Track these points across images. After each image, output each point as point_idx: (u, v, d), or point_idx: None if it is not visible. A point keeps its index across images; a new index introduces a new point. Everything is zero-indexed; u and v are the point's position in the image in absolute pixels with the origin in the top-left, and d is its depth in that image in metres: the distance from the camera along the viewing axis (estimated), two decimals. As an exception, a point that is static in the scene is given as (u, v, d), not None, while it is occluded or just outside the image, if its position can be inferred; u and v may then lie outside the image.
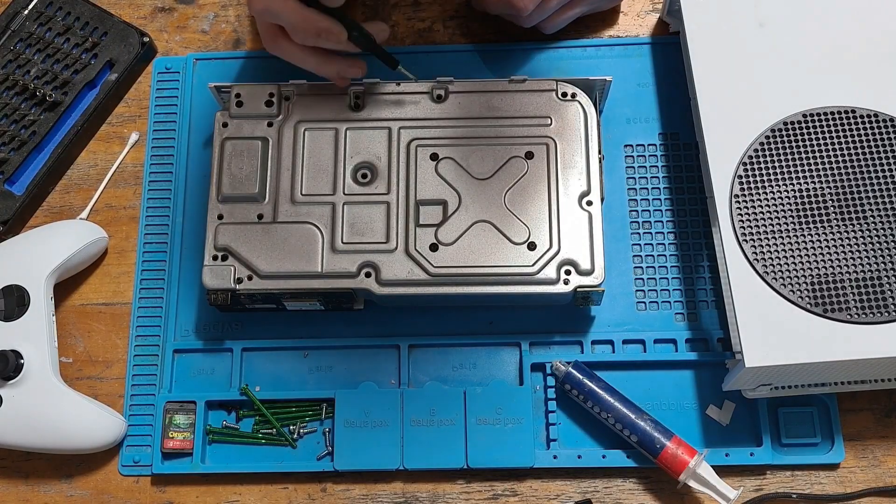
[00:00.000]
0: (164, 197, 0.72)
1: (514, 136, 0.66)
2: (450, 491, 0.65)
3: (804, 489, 0.64)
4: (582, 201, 0.64)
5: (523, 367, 0.66)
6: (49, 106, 0.73)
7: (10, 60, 0.74)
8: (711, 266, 0.68)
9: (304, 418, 0.66)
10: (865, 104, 0.63)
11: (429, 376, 0.67)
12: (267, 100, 0.67)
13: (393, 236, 0.64)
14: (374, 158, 0.66)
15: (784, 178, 0.62)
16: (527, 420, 0.64)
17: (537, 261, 0.63)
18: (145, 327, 0.69)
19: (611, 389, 0.64)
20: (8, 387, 0.64)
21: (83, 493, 0.66)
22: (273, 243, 0.64)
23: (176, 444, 0.65)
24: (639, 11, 0.76)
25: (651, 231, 0.69)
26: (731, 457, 0.63)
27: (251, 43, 0.76)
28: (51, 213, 0.73)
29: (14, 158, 0.72)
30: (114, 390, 0.68)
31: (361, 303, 0.66)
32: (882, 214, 0.60)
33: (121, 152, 0.74)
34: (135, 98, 0.76)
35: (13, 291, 0.65)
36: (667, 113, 0.72)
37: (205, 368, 0.68)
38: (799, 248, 0.60)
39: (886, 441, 0.65)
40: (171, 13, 0.78)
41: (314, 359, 0.68)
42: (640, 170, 0.71)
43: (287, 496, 0.65)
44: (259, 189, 0.65)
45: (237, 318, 0.69)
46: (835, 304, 0.58)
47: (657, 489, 0.64)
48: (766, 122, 0.63)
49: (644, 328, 0.67)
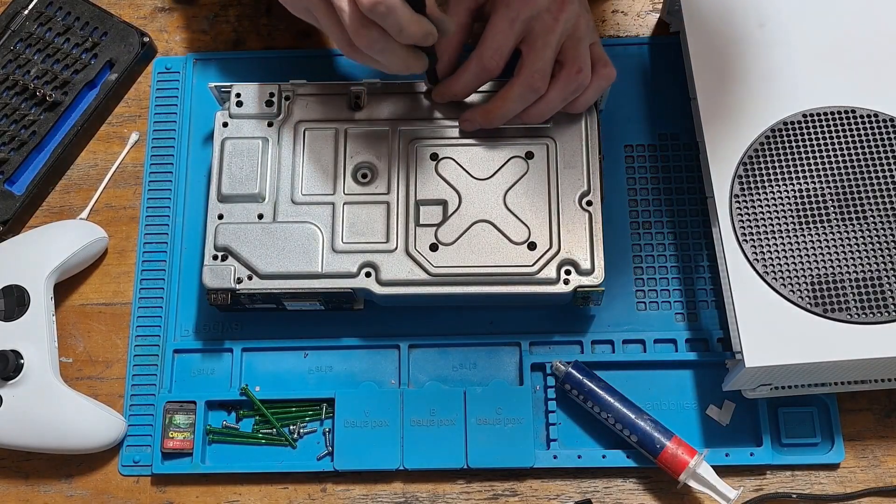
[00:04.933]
0: (164, 197, 0.72)
1: (514, 136, 0.66)
2: (450, 491, 0.65)
3: (804, 489, 0.64)
4: (582, 201, 0.64)
5: (523, 367, 0.66)
6: (49, 106, 0.73)
7: (10, 60, 0.74)
8: (711, 266, 0.68)
9: (304, 418, 0.66)
10: (865, 104, 0.63)
11: (429, 376, 0.67)
12: (267, 100, 0.67)
13: (393, 236, 0.64)
14: (374, 158, 0.66)
15: (784, 178, 0.62)
16: (527, 420, 0.64)
17: (537, 261, 0.63)
18: (145, 327, 0.69)
19: (611, 389, 0.64)
20: (8, 387, 0.64)
21: (83, 493, 0.66)
22: (273, 243, 0.64)
23: (176, 444, 0.65)
24: (639, 11, 0.76)
25: (651, 231, 0.69)
26: (731, 457, 0.63)
27: (251, 43, 0.76)
28: (51, 213, 0.73)
29: (14, 158, 0.72)
30: (114, 390, 0.68)
31: (361, 303, 0.66)
32: (882, 214, 0.60)
33: (121, 152, 0.74)
34: (135, 98, 0.76)
35: (13, 291, 0.65)
36: (667, 113, 0.72)
37: (205, 368, 0.68)
38: (799, 248, 0.60)
39: (886, 441, 0.65)
40: (171, 13, 0.78)
41: (314, 359, 0.68)
42: (640, 170, 0.71)
43: (287, 496, 0.65)
44: (259, 189, 0.65)
45: (237, 318, 0.69)
46: (835, 304, 0.58)
47: (657, 489, 0.64)
48: (766, 122, 0.63)
49: (644, 328, 0.67)
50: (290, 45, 0.76)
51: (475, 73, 0.62)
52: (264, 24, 0.77)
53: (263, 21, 0.77)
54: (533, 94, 0.62)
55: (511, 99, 0.62)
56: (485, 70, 0.62)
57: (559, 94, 0.62)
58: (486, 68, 0.61)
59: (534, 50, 0.60)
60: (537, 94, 0.62)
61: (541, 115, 0.63)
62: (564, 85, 0.62)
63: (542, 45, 0.60)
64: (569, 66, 0.61)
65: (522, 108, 0.63)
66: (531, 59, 0.60)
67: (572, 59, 0.61)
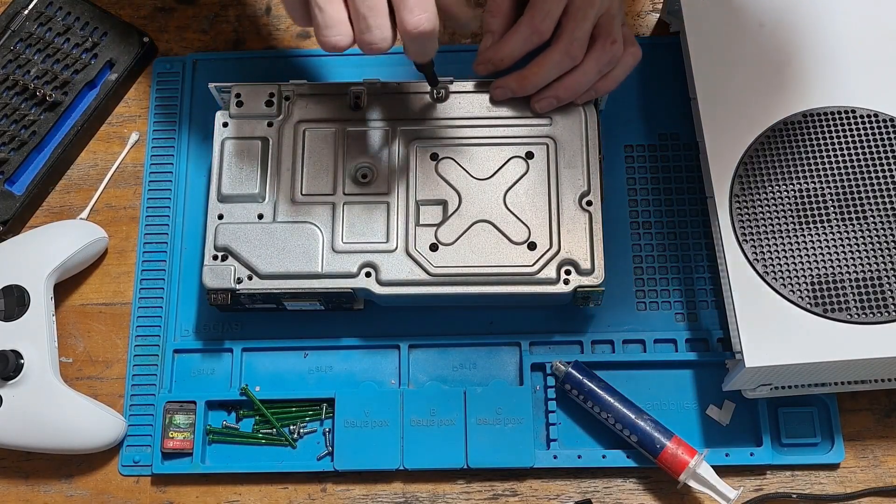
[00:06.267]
0: (164, 197, 0.72)
1: (514, 136, 0.66)
2: (450, 491, 0.65)
3: (804, 489, 0.64)
4: (582, 201, 0.64)
5: (523, 367, 0.66)
6: (49, 106, 0.73)
7: (10, 60, 0.74)
8: (711, 266, 0.68)
9: (304, 418, 0.66)
10: (865, 104, 0.63)
11: (429, 376, 0.67)
12: (267, 100, 0.67)
13: (393, 236, 0.64)
14: (374, 158, 0.66)
15: (784, 178, 0.62)
16: (527, 420, 0.64)
17: (537, 261, 0.63)
18: (145, 327, 0.69)
19: (611, 389, 0.64)
20: (8, 387, 0.64)
21: (83, 493, 0.66)
22: (273, 243, 0.64)
23: (176, 444, 0.65)
24: (639, 11, 0.76)
25: (651, 231, 0.69)
26: (731, 457, 0.63)
27: (251, 43, 0.76)
28: (51, 213, 0.73)
29: (14, 158, 0.72)
30: (114, 390, 0.68)
31: (361, 303, 0.66)
32: (882, 214, 0.60)
33: (121, 152, 0.74)
34: (135, 98, 0.76)
35: (13, 291, 0.65)
36: (667, 113, 0.72)
37: (205, 368, 0.68)
38: (799, 248, 0.60)
39: (886, 441, 0.65)
40: (171, 13, 0.78)
41: (314, 359, 0.68)
42: (640, 170, 0.71)
43: (287, 496, 0.65)
44: (259, 189, 0.65)
45: (237, 318, 0.69)
46: (835, 304, 0.58)
47: (657, 489, 0.64)
48: (766, 122, 0.63)
49: (644, 328, 0.67)
50: (290, 45, 0.76)
51: (526, 37, 0.64)
52: (264, 24, 0.77)
53: (263, 21, 0.77)
54: (570, 62, 0.63)
55: (548, 66, 0.64)
56: (536, 32, 0.63)
57: (595, 65, 0.64)
58: (538, 31, 0.63)
59: (574, 20, 0.62)
60: (574, 63, 0.64)
61: (576, 85, 0.64)
62: (600, 55, 0.64)
63: (582, 17, 0.62)
64: (603, 38, 0.63)
65: (558, 75, 0.64)
66: (571, 28, 0.63)
67: (607, 32, 0.64)
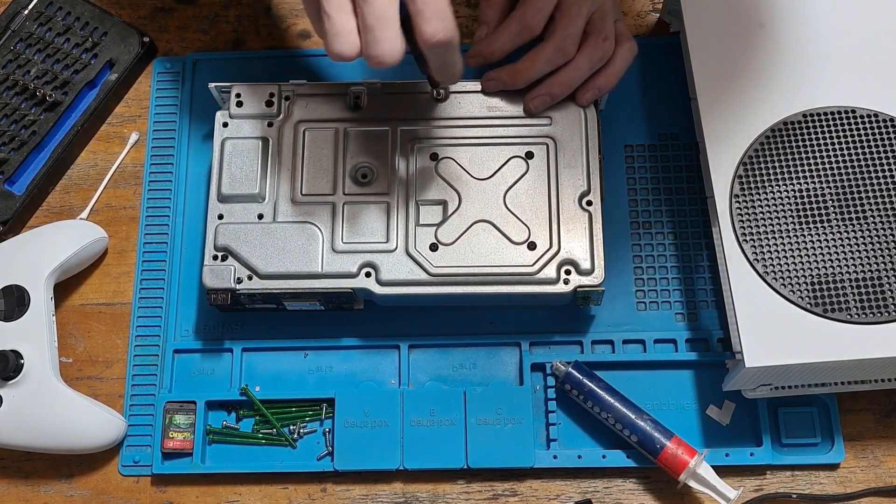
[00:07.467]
0: (164, 197, 0.72)
1: (514, 135, 0.66)
2: (450, 491, 0.65)
3: (804, 489, 0.64)
4: (582, 201, 0.64)
5: (523, 367, 0.66)
6: (49, 106, 0.73)
7: (10, 60, 0.74)
8: (711, 266, 0.68)
9: (304, 418, 0.66)
10: (865, 104, 0.63)
11: (429, 376, 0.67)
12: (267, 100, 0.67)
13: (393, 236, 0.64)
14: (374, 158, 0.66)
15: (784, 178, 0.62)
16: (527, 420, 0.64)
17: (537, 261, 0.63)
18: (145, 327, 0.69)
19: (611, 389, 0.64)
20: (8, 387, 0.64)
21: (83, 493, 0.66)
22: (273, 243, 0.64)
23: (176, 444, 0.65)
24: (639, 11, 0.76)
25: (651, 231, 0.69)
26: (731, 457, 0.63)
27: (251, 43, 0.76)
28: (51, 213, 0.73)
29: (14, 158, 0.72)
30: (114, 390, 0.68)
31: (361, 303, 0.66)
32: (882, 214, 0.60)
33: (121, 152, 0.74)
34: (135, 98, 0.76)
35: (13, 291, 0.65)
36: (667, 113, 0.72)
37: (205, 368, 0.68)
38: (799, 248, 0.60)
39: (886, 441, 0.65)
40: (171, 13, 0.78)
41: (314, 359, 0.68)
42: (640, 170, 0.71)
43: (287, 496, 0.65)
44: (259, 189, 0.65)
45: (237, 318, 0.69)
46: (835, 304, 0.58)
47: (657, 489, 0.64)
48: (766, 122, 0.63)
49: (644, 328, 0.67)
50: (290, 45, 0.76)
51: (517, 32, 0.65)
52: (264, 24, 0.77)
53: (263, 21, 0.77)
54: (562, 58, 0.64)
55: (540, 60, 0.64)
56: (526, 28, 0.64)
57: (587, 61, 0.65)
58: (528, 26, 0.64)
59: (567, 16, 0.64)
60: (566, 59, 0.64)
61: (568, 80, 0.65)
62: (591, 51, 0.64)
63: (575, 13, 0.63)
64: (595, 35, 0.64)
65: (549, 70, 0.65)
66: (563, 24, 0.64)
67: (599, 29, 0.65)
